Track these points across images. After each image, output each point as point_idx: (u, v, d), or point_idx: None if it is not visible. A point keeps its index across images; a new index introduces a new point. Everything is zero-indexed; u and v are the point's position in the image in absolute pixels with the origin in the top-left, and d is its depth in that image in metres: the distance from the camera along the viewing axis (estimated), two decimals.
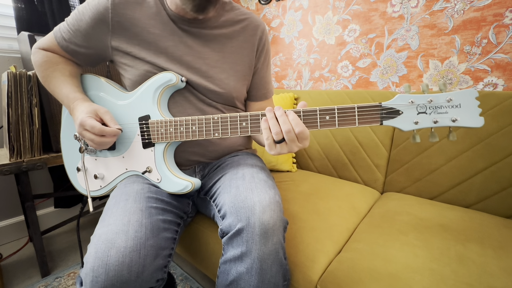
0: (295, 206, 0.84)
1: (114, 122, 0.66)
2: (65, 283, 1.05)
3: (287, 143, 0.54)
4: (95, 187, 0.76)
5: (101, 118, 0.65)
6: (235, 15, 0.74)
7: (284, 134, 0.53)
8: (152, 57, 0.67)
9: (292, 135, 0.53)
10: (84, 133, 0.63)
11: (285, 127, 0.53)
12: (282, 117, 0.53)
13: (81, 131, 0.64)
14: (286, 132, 0.53)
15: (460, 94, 0.47)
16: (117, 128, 0.65)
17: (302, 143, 0.54)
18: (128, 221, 0.53)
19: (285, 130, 0.53)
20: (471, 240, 0.67)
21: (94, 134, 0.62)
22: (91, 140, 0.63)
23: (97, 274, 0.47)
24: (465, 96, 0.47)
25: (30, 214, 1.02)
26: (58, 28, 0.71)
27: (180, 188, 0.65)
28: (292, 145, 0.54)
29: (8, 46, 1.27)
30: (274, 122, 0.54)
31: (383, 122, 0.51)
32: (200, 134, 0.62)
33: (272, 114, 0.55)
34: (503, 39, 0.91)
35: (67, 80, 0.71)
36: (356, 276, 0.59)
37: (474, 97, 0.47)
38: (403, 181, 1.01)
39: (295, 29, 1.47)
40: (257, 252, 0.52)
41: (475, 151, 0.86)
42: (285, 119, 0.53)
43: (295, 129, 0.53)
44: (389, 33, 1.15)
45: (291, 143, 0.54)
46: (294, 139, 0.53)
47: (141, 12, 0.67)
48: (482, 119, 0.47)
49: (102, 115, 0.65)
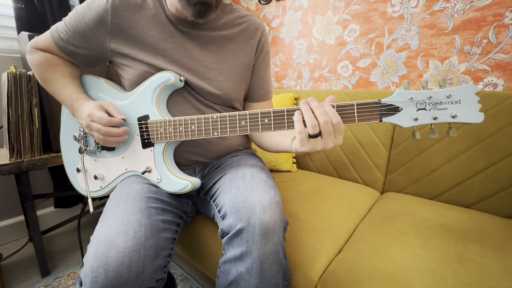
0: (295, 206, 0.84)
1: (118, 112, 0.67)
2: (65, 283, 1.05)
3: (322, 138, 0.51)
4: (95, 187, 0.76)
5: (106, 109, 0.66)
6: (234, 17, 0.74)
7: (321, 127, 0.50)
8: (150, 59, 0.67)
9: (330, 127, 0.49)
10: (91, 124, 0.64)
11: (323, 118, 0.49)
12: (319, 108, 0.50)
13: (88, 123, 0.65)
14: (324, 124, 0.49)
15: (459, 90, 0.47)
16: (122, 118, 0.66)
17: (338, 138, 0.51)
18: (127, 221, 0.53)
19: (323, 121, 0.49)
20: (471, 240, 0.67)
21: (102, 124, 0.63)
22: (97, 130, 0.64)
23: (97, 275, 0.47)
24: (464, 92, 0.47)
25: (30, 214, 1.02)
26: (55, 28, 0.70)
27: (180, 188, 0.65)
28: (328, 139, 0.50)
29: (8, 46, 1.27)
30: (310, 114, 0.50)
31: (383, 119, 0.51)
32: (199, 133, 0.62)
33: (307, 106, 0.51)
34: (503, 39, 0.91)
35: (68, 82, 0.71)
36: (356, 276, 0.59)
37: (474, 93, 0.46)
38: (403, 181, 1.01)
39: (295, 29, 1.47)
40: (257, 252, 0.52)
41: (475, 151, 0.86)
42: (322, 110, 0.50)
43: (332, 120, 0.49)
44: (389, 33, 1.15)
45: (327, 137, 0.50)
46: (331, 131, 0.50)
47: (140, 14, 0.67)
48: (482, 115, 0.46)
49: (106, 107, 0.67)
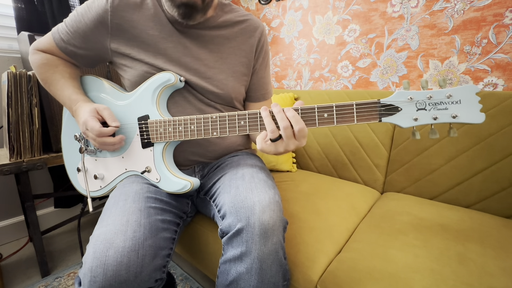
0: (295, 206, 0.84)
1: (113, 119, 0.66)
2: (65, 283, 1.05)
3: (283, 141, 0.53)
4: (95, 187, 0.76)
5: (101, 115, 0.66)
6: (234, 17, 0.74)
7: (281, 131, 0.52)
8: (150, 59, 0.68)
9: (290, 132, 0.52)
10: (87, 132, 0.66)
11: (283, 123, 0.52)
12: (279, 114, 0.52)
13: (84, 131, 0.66)
14: (284, 129, 0.52)
15: (460, 90, 0.46)
16: (115, 125, 0.66)
17: (300, 141, 0.53)
18: (126, 221, 0.53)
19: (283, 127, 0.52)
20: (471, 240, 0.67)
21: (94, 134, 0.64)
22: (92, 139, 0.66)
23: (95, 274, 0.47)
24: (465, 92, 0.46)
25: (30, 214, 1.02)
26: (56, 29, 0.71)
27: (179, 188, 0.65)
28: (289, 143, 0.53)
29: (8, 46, 1.27)
30: (269, 120, 0.53)
31: (382, 119, 0.51)
32: (199, 133, 0.62)
33: (267, 112, 0.54)
34: (503, 39, 0.91)
35: (68, 82, 0.71)
36: (356, 276, 0.59)
37: (475, 93, 0.46)
38: (403, 181, 1.00)
39: (295, 29, 1.47)
40: (256, 252, 0.52)
41: (475, 151, 0.86)
42: (283, 115, 0.52)
43: (294, 126, 0.52)
44: (389, 33, 1.15)
45: (288, 140, 0.53)
46: (291, 136, 0.53)
47: (140, 14, 0.67)
48: (483, 115, 0.46)
49: (101, 112, 0.66)
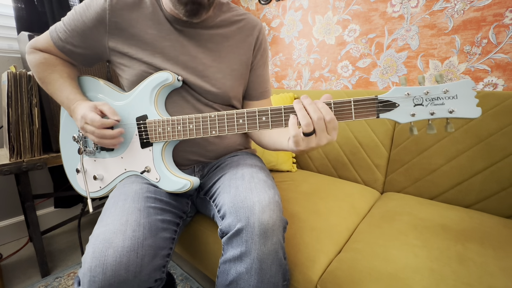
0: (295, 206, 0.84)
1: (113, 113, 0.66)
2: (65, 283, 1.05)
3: (316, 135, 0.51)
4: (94, 188, 0.76)
5: (100, 110, 0.66)
6: (232, 15, 0.74)
7: (314, 124, 0.50)
8: (148, 58, 0.67)
9: (322, 123, 0.50)
10: (85, 126, 0.65)
11: (316, 115, 0.49)
12: (311, 106, 0.50)
13: (83, 125, 0.65)
14: (317, 120, 0.49)
15: (456, 85, 0.47)
16: (116, 119, 0.66)
17: (331, 134, 0.51)
18: (126, 221, 0.53)
19: (317, 118, 0.49)
20: (471, 240, 0.67)
21: (95, 126, 0.63)
22: (92, 133, 0.65)
23: (95, 274, 0.47)
24: (461, 87, 0.47)
25: (30, 214, 1.02)
26: (54, 28, 0.70)
27: (179, 187, 0.65)
28: (321, 136, 0.50)
29: (8, 46, 1.27)
30: (303, 113, 0.50)
31: (380, 115, 0.51)
32: (198, 132, 0.62)
33: (300, 105, 0.51)
34: (503, 39, 0.91)
35: (66, 82, 0.71)
36: (356, 276, 0.59)
37: (471, 88, 0.46)
38: (403, 181, 1.00)
39: (295, 29, 1.47)
40: (256, 252, 0.52)
41: (475, 151, 0.86)
42: (315, 107, 0.50)
43: (325, 117, 0.49)
44: (389, 33, 1.15)
45: (320, 134, 0.50)
46: (324, 128, 0.50)
47: (138, 13, 0.67)
48: (479, 110, 0.46)
49: (101, 107, 0.66)
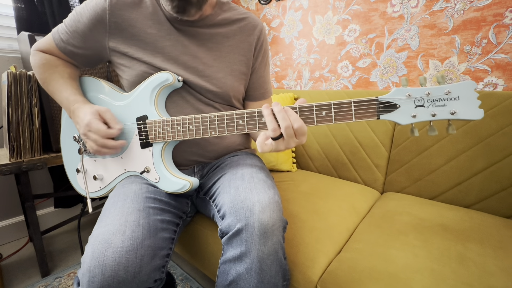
0: (295, 206, 0.84)
1: (115, 121, 0.67)
2: (65, 283, 1.05)
3: (284, 140, 0.54)
4: (94, 188, 0.76)
5: (103, 117, 0.66)
6: (232, 15, 0.74)
7: (283, 130, 0.52)
8: (149, 57, 0.67)
9: (291, 131, 0.52)
10: (88, 134, 0.64)
11: (285, 123, 0.51)
12: (281, 113, 0.52)
13: (86, 132, 0.64)
14: (285, 128, 0.52)
15: (458, 86, 0.46)
16: (118, 128, 0.66)
17: (300, 138, 0.54)
18: (125, 221, 0.53)
19: (285, 126, 0.51)
20: (471, 240, 0.67)
21: (99, 135, 0.63)
22: (94, 141, 0.64)
23: (94, 274, 0.47)
24: (463, 88, 0.46)
25: (30, 214, 1.02)
26: (56, 30, 0.71)
27: (178, 188, 0.65)
28: (289, 141, 0.53)
29: (8, 46, 1.27)
30: (271, 118, 0.53)
31: (380, 116, 0.50)
32: (197, 133, 0.62)
33: (268, 111, 0.53)
34: (503, 39, 0.91)
35: (67, 83, 0.71)
36: (356, 276, 0.59)
37: (473, 89, 0.45)
38: (403, 181, 1.00)
39: (295, 29, 1.47)
40: (256, 252, 0.52)
41: (475, 151, 0.86)
42: (284, 115, 0.52)
43: (293, 124, 0.52)
44: (389, 33, 1.15)
45: (289, 139, 0.53)
46: (292, 135, 0.53)
47: (138, 13, 0.67)
48: (481, 111, 0.45)
49: (103, 114, 0.66)
